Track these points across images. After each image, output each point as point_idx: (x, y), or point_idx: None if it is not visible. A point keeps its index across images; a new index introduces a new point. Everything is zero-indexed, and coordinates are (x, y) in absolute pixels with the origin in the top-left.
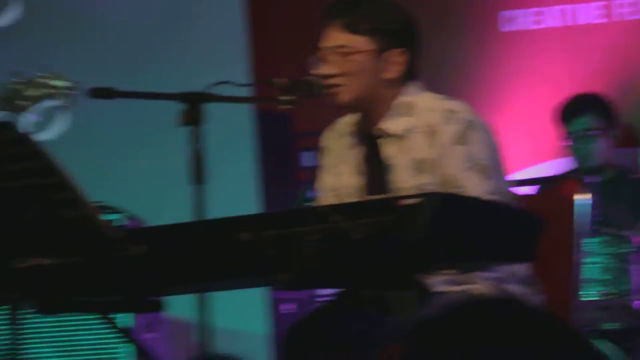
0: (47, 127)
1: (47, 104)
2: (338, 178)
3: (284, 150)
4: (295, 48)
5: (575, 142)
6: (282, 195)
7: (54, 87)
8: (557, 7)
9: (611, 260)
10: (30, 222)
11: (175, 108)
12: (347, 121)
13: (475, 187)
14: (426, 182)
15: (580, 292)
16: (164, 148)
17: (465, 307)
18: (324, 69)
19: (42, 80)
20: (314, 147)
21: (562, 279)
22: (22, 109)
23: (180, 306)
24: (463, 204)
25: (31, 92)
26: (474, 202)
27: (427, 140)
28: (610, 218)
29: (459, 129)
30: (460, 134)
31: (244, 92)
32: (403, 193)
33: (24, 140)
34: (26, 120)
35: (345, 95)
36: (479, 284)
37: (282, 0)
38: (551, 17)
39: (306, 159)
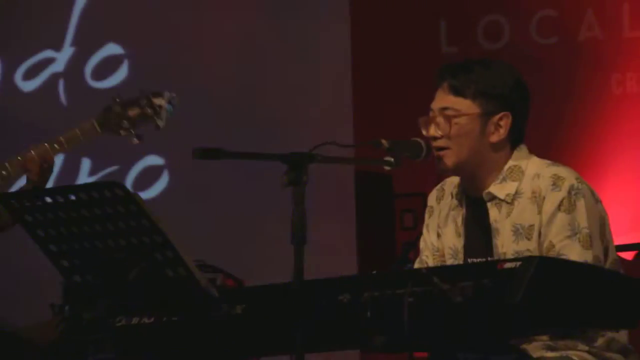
0: (148, 185)
1: (150, 161)
2: (440, 239)
3: (384, 211)
4: (398, 109)
5: None
6: (382, 257)
7: (153, 106)
8: None
9: None
10: (133, 281)
11: (280, 168)
12: (453, 182)
13: (574, 255)
14: (526, 248)
15: None
16: (266, 208)
17: None
18: (431, 131)
19: (142, 101)
20: (414, 208)
21: None
22: (124, 130)
23: None
24: (562, 268)
25: (132, 112)
26: (574, 266)
27: (532, 206)
28: None
29: (564, 196)
30: (564, 201)
31: (346, 153)
32: (504, 257)
33: (130, 198)
34: (129, 141)
35: (450, 159)
36: (578, 350)
37: (386, 61)
38: None
39: (406, 219)
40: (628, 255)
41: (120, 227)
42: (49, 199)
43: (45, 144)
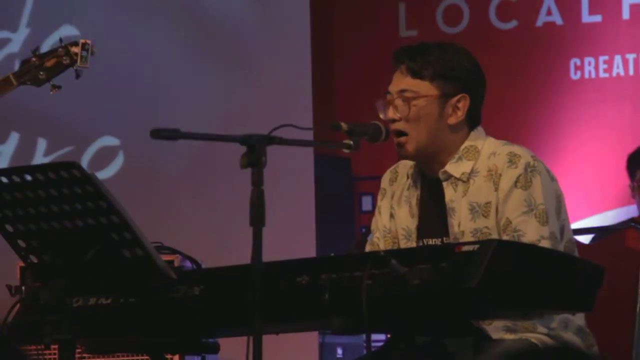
0: (104, 165)
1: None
2: (393, 220)
3: (343, 194)
4: (356, 92)
5: None
6: (340, 239)
7: (70, 54)
8: (629, 56)
9: None
10: (90, 262)
11: (238, 150)
12: (407, 163)
13: (532, 231)
14: (484, 225)
15: None
16: (224, 189)
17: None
18: (389, 114)
19: (59, 51)
20: (373, 192)
21: (621, 332)
22: (42, 81)
23: (231, 349)
24: (521, 251)
25: (49, 62)
26: (532, 249)
27: (488, 184)
28: None
29: (520, 173)
30: (521, 178)
31: (305, 135)
32: (461, 236)
33: (88, 179)
34: (51, 91)
35: (411, 145)
36: (536, 332)
37: (345, 44)
38: (621, 66)
39: (365, 203)
40: (584, 239)
41: (77, 208)
42: (4, 179)
43: None
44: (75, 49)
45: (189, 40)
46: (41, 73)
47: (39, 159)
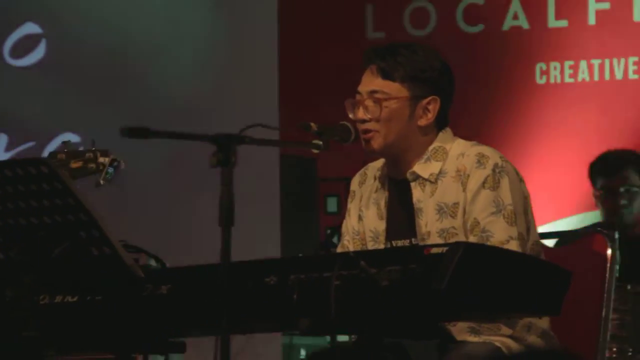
0: None
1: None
2: (362, 222)
3: (308, 195)
4: (323, 93)
5: (609, 197)
6: (305, 240)
7: (97, 163)
8: (594, 62)
9: (629, 317)
10: (57, 259)
11: (205, 149)
12: (376, 166)
13: (500, 232)
14: (451, 226)
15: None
16: (194, 188)
17: None
18: (359, 114)
19: (88, 155)
20: (338, 193)
21: (586, 336)
22: None
23: (198, 349)
24: (488, 254)
25: (74, 164)
26: (501, 252)
27: (456, 184)
28: (634, 274)
29: (488, 173)
30: (489, 178)
31: (273, 136)
32: (428, 237)
33: (56, 177)
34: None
35: (377, 141)
36: (499, 334)
37: (312, 44)
38: (586, 71)
39: (330, 204)
40: (550, 243)
41: (45, 205)
42: None
43: None
44: (103, 160)
45: (156, 34)
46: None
47: (0, 153)
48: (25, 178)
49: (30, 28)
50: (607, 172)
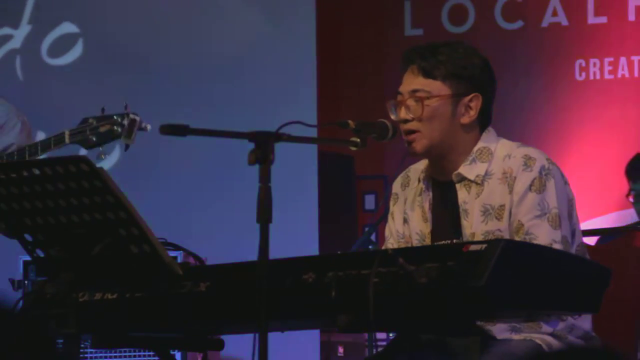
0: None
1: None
2: (407, 225)
3: (346, 193)
4: (361, 90)
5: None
6: (343, 237)
7: (123, 125)
8: (634, 58)
9: None
10: (97, 257)
11: (245, 147)
12: (418, 168)
13: (544, 235)
14: (496, 228)
15: None
16: (231, 186)
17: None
18: (401, 114)
19: (116, 118)
20: (375, 190)
21: (627, 333)
22: (92, 145)
23: (235, 346)
24: (527, 251)
25: (103, 128)
26: (539, 250)
27: (502, 186)
28: None
29: (535, 176)
30: (535, 181)
31: (311, 133)
32: (472, 238)
33: (96, 174)
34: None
35: (420, 143)
36: (541, 332)
37: (350, 41)
38: (626, 68)
39: (368, 201)
40: (590, 241)
41: (85, 203)
42: (13, 174)
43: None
44: (130, 122)
45: (193, 32)
46: (93, 137)
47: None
48: (65, 176)
49: (68, 28)
50: (633, 174)
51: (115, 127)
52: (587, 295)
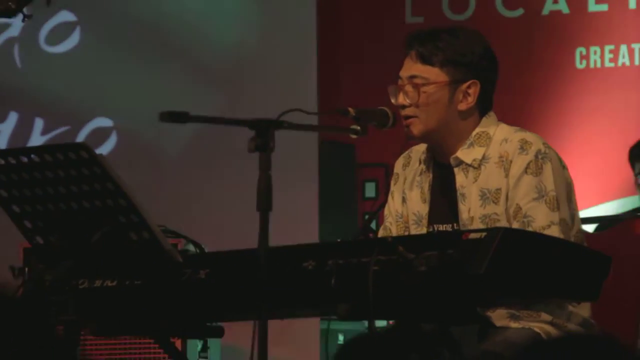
0: (97, 145)
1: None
2: (405, 204)
3: (346, 180)
4: (362, 78)
5: None
6: (343, 225)
7: None
8: (634, 46)
9: None
10: (96, 244)
11: (246, 134)
12: (420, 149)
13: (542, 217)
14: (493, 212)
15: None
16: (231, 173)
17: (529, 347)
18: (399, 99)
19: None
20: (376, 178)
21: (627, 321)
22: (13, 11)
23: (234, 333)
24: (528, 239)
25: None
26: (539, 237)
27: (499, 170)
28: None
29: (531, 159)
30: (531, 164)
31: (312, 121)
32: (470, 222)
33: (95, 161)
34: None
35: (417, 127)
36: (540, 320)
37: (351, 29)
38: (627, 56)
39: (368, 189)
40: (590, 228)
41: (85, 190)
42: (12, 160)
43: None
44: None
45: (192, 20)
46: (10, 3)
47: (36, 137)
48: (65, 163)
49: (65, 16)
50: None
51: None
52: (586, 283)
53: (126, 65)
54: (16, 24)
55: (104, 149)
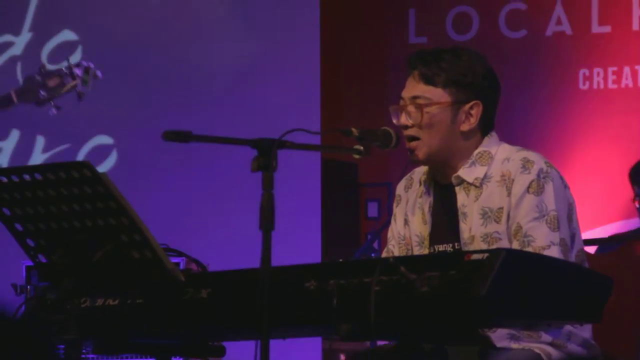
0: (97, 163)
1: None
2: (408, 227)
3: (349, 200)
4: (365, 98)
5: None
6: (346, 245)
7: (73, 75)
8: (638, 67)
9: None
10: (98, 262)
11: (249, 154)
12: (421, 170)
13: (542, 237)
14: (494, 230)
15: None
16: (234, 193)
17: None
18: (402, 119)
19: (62, 70)
20: (379, 198)
21: (628, 342)
22: (43, 101)
23: (236, 352)
24: (530, 260)
25: (51, 82)
26: (541, 259)
27: (501, 189)
28: None
29: (533, 178)
30: (533, 183)
31: (314, 141)
32: (471, 241)
33: (98, 179)
34: (49, 112)
35: (422, 150)
36: (541, 341)
37: (354, 49)
38: (629, 77)
39: (371, 209)
40: (590, 250)
41: (87, 208)
42: (15, 178)
43: None
44: (78, 71)
45: (195, 38)
46: (42, 92)
47: (37, 155)
48: (68, 181)
49: (67, 35)
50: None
51: (65, 79)
52: (589, 304)
53: (126, 83)
54: (19, 43)
55: (104, 167)
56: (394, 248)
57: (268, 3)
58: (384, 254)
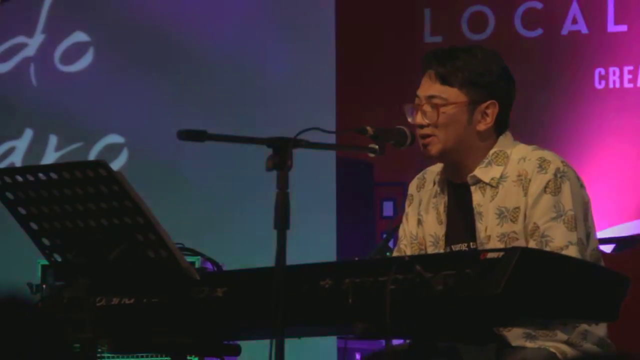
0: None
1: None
2: (421, 227)
3: (365, 199)
4: (380, 97)
5: None
6: (361, 244)
7: None
8: None
9: None
10: (114, 261)
11: (264, 152)
12: (434, 170)
13: (560, 237)
14: (511, 230)
15: None
16: (249, 192)
17: None
18: (417, 118)
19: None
20: (394, 197)
21: None
22: None
23: (251, 351)
24: (545, 259)
25: None
26: (557, 258)
27: (517, 188)
28: None
29: (550, 178)
30: (550, 183)
31: (330, 139)
32: (487, 241)
33: (113, 179)
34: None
35: (436, 147)
36: (556, 340)
37: (369, 48)
38: None
39: (386, 208)
40: (607, 249)
41: (103, 207)
42: (30, 177)
43: None
44: None
45: (208, 39)
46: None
47: (51, 153)
48: (84, 181)
49: (79, 37)
50: None
51: None
52: (605, 303)
53: (138, 83)
54: (32, 44)
55: (115, 165)
56: (405, 248)
57: (284, 2)
58: (395, 253)
